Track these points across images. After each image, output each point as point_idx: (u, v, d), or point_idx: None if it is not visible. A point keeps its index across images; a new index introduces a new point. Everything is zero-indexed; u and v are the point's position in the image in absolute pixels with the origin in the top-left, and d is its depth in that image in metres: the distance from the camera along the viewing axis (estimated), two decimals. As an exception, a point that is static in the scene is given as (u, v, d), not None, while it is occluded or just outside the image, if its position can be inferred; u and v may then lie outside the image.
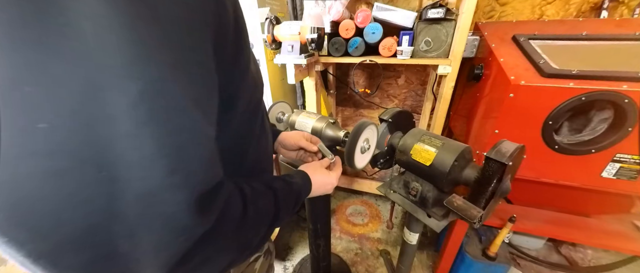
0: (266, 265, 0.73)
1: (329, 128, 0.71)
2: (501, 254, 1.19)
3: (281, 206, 0.41)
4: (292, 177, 0.50)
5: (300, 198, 0.49)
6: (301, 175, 0.52)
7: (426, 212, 0.74)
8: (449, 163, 0.63)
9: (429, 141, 0.69)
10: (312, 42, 1.09)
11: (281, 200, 0.42)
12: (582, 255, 1.54)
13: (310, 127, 0.73)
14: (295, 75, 1.16)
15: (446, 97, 1.15)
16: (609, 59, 0.86)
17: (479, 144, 1.02)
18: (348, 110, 1.91)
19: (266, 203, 0.39)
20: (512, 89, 0.82)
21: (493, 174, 0.55)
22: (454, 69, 1.07)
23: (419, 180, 0.74)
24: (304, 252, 1.69)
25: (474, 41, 1.15)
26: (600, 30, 0.96)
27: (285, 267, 1.61)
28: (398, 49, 1.13)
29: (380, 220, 1.92)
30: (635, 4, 1.14)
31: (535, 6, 1.26)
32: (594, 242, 1.02)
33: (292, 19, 1.34)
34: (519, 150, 0.57)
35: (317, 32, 1.07)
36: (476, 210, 0.58)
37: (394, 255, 1.63)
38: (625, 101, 0.72)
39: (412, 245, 0.94)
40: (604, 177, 0.84)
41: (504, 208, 1.18)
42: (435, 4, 1.03)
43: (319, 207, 0.99)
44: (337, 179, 0.60)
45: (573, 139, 0.85)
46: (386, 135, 0.79)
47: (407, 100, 1.71)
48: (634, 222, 1.07)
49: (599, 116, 0.82)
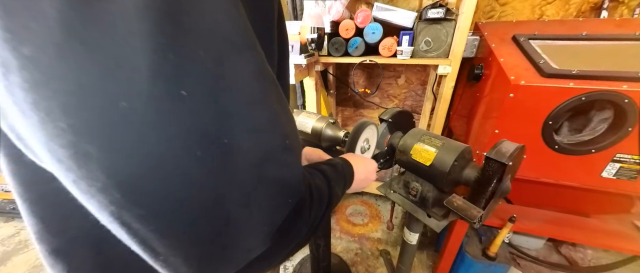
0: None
1: (329, 128, 0.71)
2: (501, 254, 1.19)
3: (333, 186, 0.39)
4: (333, 160, 0.48)
5: (347, 181, 0.46)
6: (341, 159, 0.49)
7: (426, 212, 0.74)
8: (449, 164, 0.63)
9: (429, 141, 0.69)
10: (312, 42, 1.10)
11: (332, 179, 0.40)
12: (582, 255, 1.54)
13: (310, 127, 0.73)
14: (295, 75, 1.16)
15: (446, 97, 1.15)
16: (609, 59, 0.86)
17: (479, 144, 1.02)
18: (348, 110, 1.91)
19: (320, 183, 0.37)
20: (512, 89, 0.82)
21: (493, 174, 0.55)
22: (454, 69, 1.07)
23: (419, 180, 0.74)
24: (304, 252, 1.69)
25: (474, 41, 1.15)
26: (600, 30, 0.96)
27: (285, 267, 1.61)
28: (398, 49, 1.13)
29: (380, 220, 1.92)
30: (635, 4, 1.14)
31: (535, 6, 1.27)
32: (594, 242, 1.02)
33: (292, 19, 1.34)
34: (519, 150, 0.57)
35: (317, 32, 1.07)
36: (476, 210, 0.58)
37: (394, 255, 1.63)
38: (625, 101, 0.72)
39: (412, 245, 0.94)
40: (604, 177, 0.84)
41: (504, 208, 1.17)
42: (435, 4, 1.03)
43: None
44: (375, 170, 0.57)
45: (573, 139, 0.85)
46: (386, 135, 0.79)
47: (407, 100, 1.71)
48: (634, 222, 1.07)
49: (599, 116, 0.82)
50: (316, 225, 0.35)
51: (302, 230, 0.31)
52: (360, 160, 0.53)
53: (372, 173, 0.56)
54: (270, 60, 0.29)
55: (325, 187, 0.37)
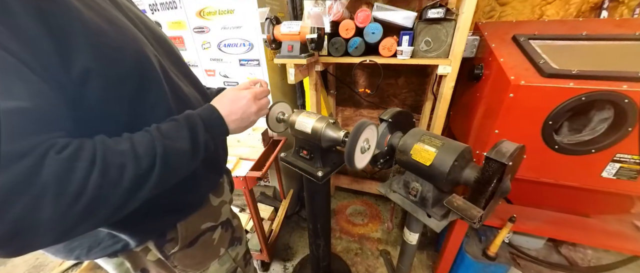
0: (228, 237, 0.74)
1: (329, 128, 0.71)
2: (501, 254, 1.19)
3: (158, 140, 0.42)
4: (182, 115, 0.50)
5: (202, 124, 0.49)
6: (203, 108, 0.53)
7: (426, 212, 0.74)
8: (449, 164, 0.63)
9: (429, 141, 0.69)
10: (312, 42, 1.09)
11: (157, 135, 0.42)
12: (582, 255, 1.54)
13: (310, 127, 0.73)
14: (295, 75, 1.16)
15: (446, 97, 1.14)
16: (609, 59, 0.86)
17: (479, 144, 1.02)
18: (348, 110, 1.91)
19: (126, 143, 0.39)
20: (512, 89, 0.82)
21: (493, 174, 0.55)
22: (454, 69, 1.07)
23: (419, 180, 0.74)
24: (304, 252, 1.69)
25: (474, 41, 1.15)
26: (600, 30, 0.96)
27: (285, 267, 1.61)
28: (398, 49, 1.13)
29: (380, 220, 1.92)
30: (635, 4, 1.14)
31: (535, 6, 1.27)
32: (594, 242, 1.02)
33: (292, 19, 1.34)
34: (519, 150, 0.57)
35: (317, 32, 1.07)
36: (476, 210, 0.58)
37: (394, 255, 1.63)
38: (625, 101, 0.72)
39: (412, 245, 0.94)
40: (604, 177, 0.85)
41: (504, 208, 1.18)
42: (435, 4, 1.03)
43: (319, 206, 0.99)
44: (254, 95, 0.60)
45: (573, 139, 0.85)
46: (386, 135, 0.79)
47: (407, 100, 1.71)
48: (634, 222, 1.07)
49: (599, 116, 0.82)
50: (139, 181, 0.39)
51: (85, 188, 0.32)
52: (224, 98, 0.56)
53: (243, 104, 0.57)
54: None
55: (141, 144, 0.40)
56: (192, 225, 0.62)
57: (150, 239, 0.57)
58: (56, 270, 1.53)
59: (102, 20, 0.40)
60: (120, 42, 0.42)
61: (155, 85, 0.48)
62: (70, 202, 0.32)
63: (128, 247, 0.54)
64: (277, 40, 1.16)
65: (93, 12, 0.39)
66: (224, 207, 0.72)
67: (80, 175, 0.32)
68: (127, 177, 0.37)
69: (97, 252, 0.53)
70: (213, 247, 0.69)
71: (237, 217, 0.82)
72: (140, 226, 0.53)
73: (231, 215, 0.77)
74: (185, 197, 0.58)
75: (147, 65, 0.46)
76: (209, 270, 0.70)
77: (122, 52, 0.42)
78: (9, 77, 0.30)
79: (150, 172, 0.40)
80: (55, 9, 0.34)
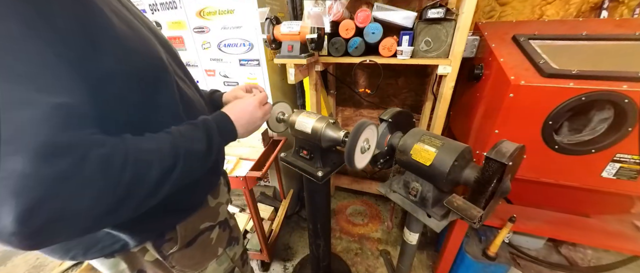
0: (225, 237, 0.74)
1: (329, 128, 0.71)
2: (501, 254, 1.19)
3: (179, 141, 0.45)
4: (201, 118, 0.53)
5: (212, 127, 0.52)
6: (206, 116, 0.55)
7: (426, 212, 0.74)
8: (449, 164, 0.63)
9: (429, 141, 0.69)
10: (312, 42, 1.09)
11: (178, 136, 0.45)
12: (582, 255, 1.54)
13: (310, 127, 0.73)
14: (295, 75, 1.16)
15: (446, 97, 1.14)
16: (609, 59, 0.86)
17: (479, 144, 1.02)
18: (348, 110, 1.91)
19: (152, 142, 0.41)
20: (512, 89, 0.82)
21: (493, 174, 0.55)
22: (454, 69, 1.07)
23: (419, 180, 0.74)
24: (304, 252, 1.69)
25: (474, 41, 1.15)
26: (600, 30, 0.96)
27: (286, 267, 1.61)
28: (398, 49, 1.13)
29: (380, 220, 1.92)
30: (635, 4, 1.14)
31: (535, 6, 1.27)
32: (594, 242, 1.02)
33: (292, 19, 1.34)
34: (519, 150, 0.57)
35: (317, 32, 1.07)
36: (476, 210, 0.58)
37: (394, 255, 1.63)
38: (625, 101, 0.72)
39: (412, 245, 0.94)
40: (604, 177, 0.85)
41: (504, 208, 1.18)
42: (435, 4, 1.03)
43: (319, 206, 0.99)
44: (259, 102, 0.64)
45: (573, 139, 0.85)
46: (386, 135, 0.79)
47: (407, 100, 1.71)
48: (634, 222, 1.07)
49: (599, 116, 0.82)
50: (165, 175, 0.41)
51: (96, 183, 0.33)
52: (236, 106, 0.61)
53: (250, 110, 0.62)
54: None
55: (165, 144, 0.42)
56: (191, 225, 0.62)
57: (149, 239, 0.57)
58: (56, 270, 1.53)
59: (123, 23, 0.42)
60: (140, 45, 0.45)
61: (168, 87, 0.50)
62: (106, 196, 0.33)
63: (127, 247, 0.54)
64: (277, 40, 1.16)
65: (118, 17, 0.41)
66: (221, 207, 0.72)
67: (117, 171, 0.34)
68: (153, 174, 0.39)
69: (95, 252, 0.53)
70: (211, 247, 0.69)
71: (233, 217, 0.82)
72: (140, 226, 0.53)
73: (228, 215, 0.77)
74: (186, 197, 0.59)
75: (161, 66, 0.49)
76: (207, 270, 0.70)
77: (140, 54, 0.44)
78: (55, 75, 0.32)
79: (172, 170, 0.42)
80: (91, 16, 0.36)
